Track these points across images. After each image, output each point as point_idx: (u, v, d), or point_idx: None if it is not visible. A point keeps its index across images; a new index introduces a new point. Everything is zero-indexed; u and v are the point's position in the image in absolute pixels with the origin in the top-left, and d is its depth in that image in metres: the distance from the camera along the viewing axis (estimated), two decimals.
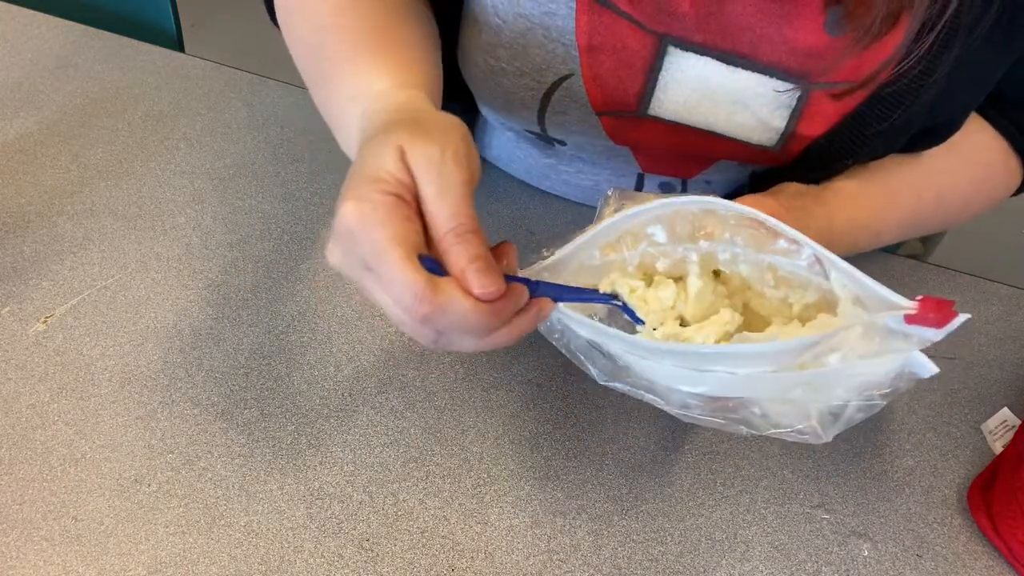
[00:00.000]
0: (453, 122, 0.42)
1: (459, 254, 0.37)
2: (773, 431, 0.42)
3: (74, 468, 0.52)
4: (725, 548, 0.51)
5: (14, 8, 0.86)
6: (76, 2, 0.96)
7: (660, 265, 0.47)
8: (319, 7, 0.54)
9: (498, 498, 0.53)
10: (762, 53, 0.52)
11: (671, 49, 0.53)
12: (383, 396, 0.57)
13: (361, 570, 0.49)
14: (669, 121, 0.57)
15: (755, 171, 0.65)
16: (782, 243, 0.45)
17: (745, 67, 0.53)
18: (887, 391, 0.40)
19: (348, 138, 0.49)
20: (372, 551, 0.50)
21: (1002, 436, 0.58)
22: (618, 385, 0.44)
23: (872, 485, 0.55)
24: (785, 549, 0.52)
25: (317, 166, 0.73)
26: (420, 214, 0.39)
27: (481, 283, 0.37)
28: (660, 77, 0.55)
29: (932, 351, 0.66)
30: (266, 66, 0.82)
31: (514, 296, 0.39)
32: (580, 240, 0.45)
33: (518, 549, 0.51)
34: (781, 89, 0.53)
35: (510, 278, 0.40)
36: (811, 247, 0.43)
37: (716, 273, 0.47)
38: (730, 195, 0.68)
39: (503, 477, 0.54)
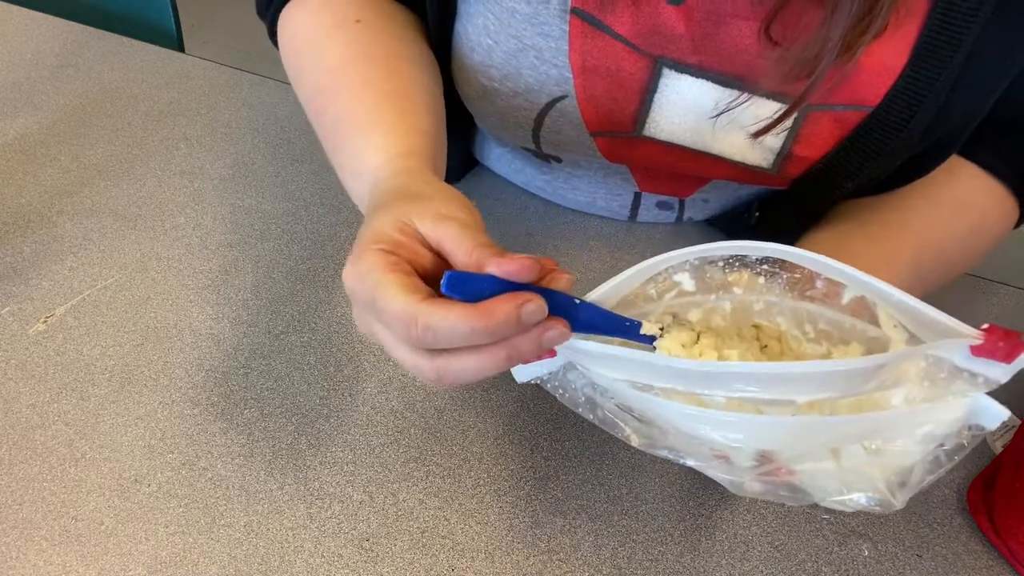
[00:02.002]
0: (454, 193, 0.43)
1: (483, 253, 0.37)
2: (838, 498, 0.38)
3: (74, 468, 0.52)
4: (725, 548, 0.51)
5: (14, 8, 0.86)
6: (76, 2, 0.96)
7: (692, 316, 0.44)
8: (316, 67, 0.55)
9: (498, 498, 0.53)
10: (757, 75, 0.52)
11: (666, 71, 0.53)
12: (383, 396, 0.57)
13: (361, 570, 0.49)
14: (664, 142, 0.57)
15: (760, 198, 0.64)
16: (819, 284, 0.42)
17: (740, 89, 0.52)
18: (952, 447, 0.37)
19: (361, 205, 0.50)
20: (372, 551, 0.50)
21: (1002, 436, 0.58)
22: (660, 452, 0.40)
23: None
24: (785, 549, 0.52)
25: (317, 166, 0.73)
26: (421, 272, 0.39)
27: (497, 261, 0.36)
28: (655, 99, 0.54)
29: None
30: (266, 66, 0.82)
31: (511, 300, 0.36)
32: (603, 290, 0.42)
33: (518, 549, 0.51)
34: (778, 111, 0.53)
35: (546, 292, 0.38)
36: (858, 280, 0.39)
37: (756, 327, 0.45)
38: (729, 214, 0.68)
39: (503, 477, 0.54)
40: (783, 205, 0.61)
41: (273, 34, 0.62)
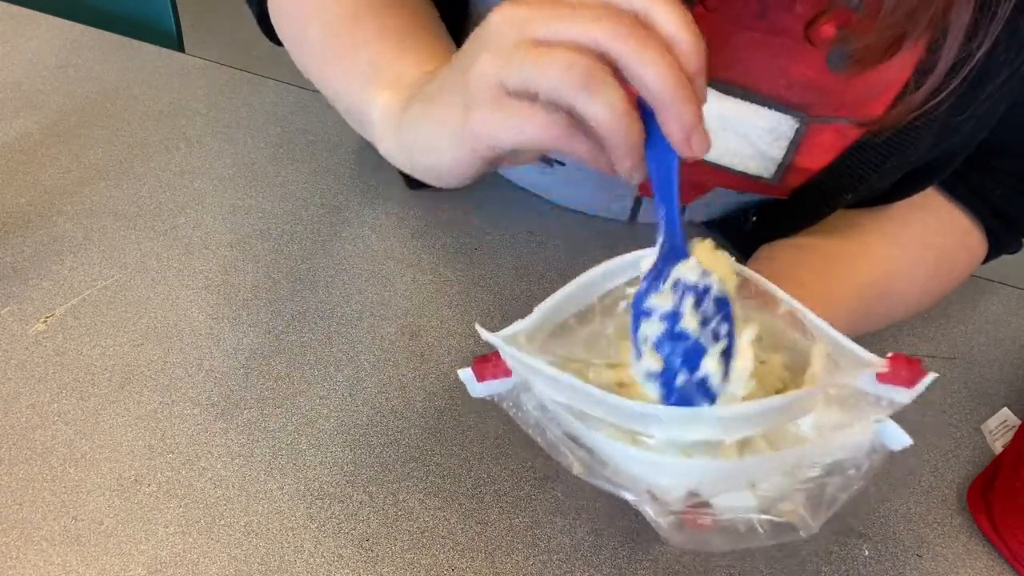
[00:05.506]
0: None
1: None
2: (757, 518, 0.39)
3: (74, 468, 0.52)
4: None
5: (14, 8, 0.86)
6: (76, 2, 0.96)
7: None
8: (327, 10, 0.52)
9: (498, 498, 0.53)
10: (762, 84, 0.51)
11: None
12: (383, 396, 0.57)
13: (361, 570, 0.49)
14: None
15: (759, 204, 0.64)
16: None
17: (744, 98, 0.52)
18: (865, 469, 0.38)
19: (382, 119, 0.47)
20: (372, 551, 0.50)
21: (1002, 436, 0.58)
22: (599, 482, 0.39)
23: (872, 485, 0.55)
24: (785, 549, 0.52)
25: (317, 166, 0.73)
26: None
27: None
28: None
29: (932, 350, 0.66)
30: (266, 66, 0.82)
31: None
32: (553, 300, 0.41)
33: (518, 549, 0.51)
34: (781, 121, 0.52)
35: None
36: (788, 302, 0.41)
37: None
38: (727, 219, 0.68)
39: (503, 477, 0.54)
40: (781, 213, 0.61)
41: (263, 19, 0.59)
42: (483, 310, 0.63)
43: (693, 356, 0.37)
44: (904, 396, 0.37)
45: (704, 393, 0.37)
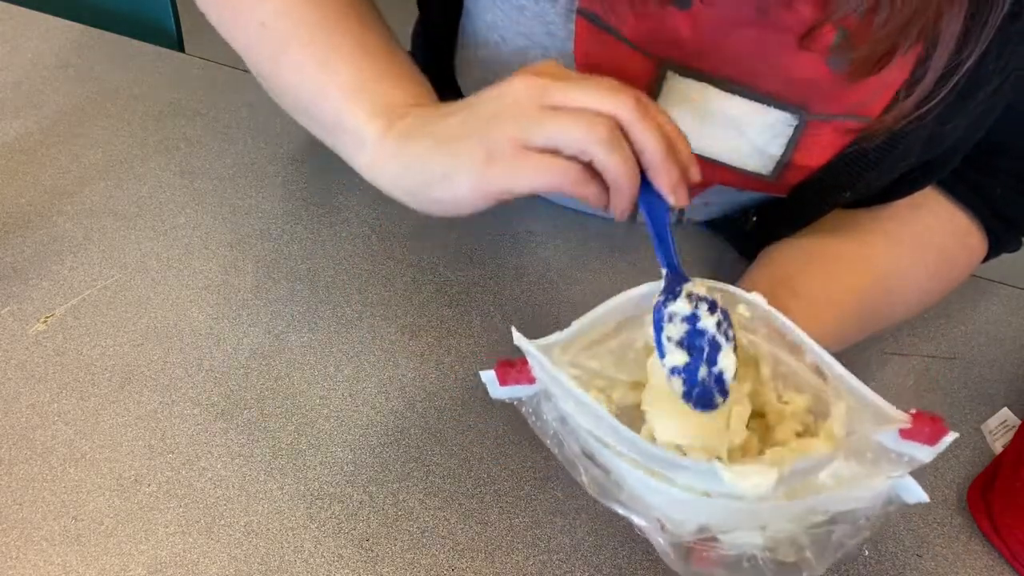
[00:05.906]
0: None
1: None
2: (763, 556, 0.40)
3: (74, 468, 0.52)
4: None
5: (14, 8, 0.86)
6: (76, 2, 0.96)
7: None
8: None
9: (498, 498, 0.53)
10: (760, 81, 0.51)
11: (669, 74, 0.53)
12: (383, 396, 0.57)
13: (361, 570, 0.49)
14: None
15: (758, 204, 0.64)
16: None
17: (743, 94, 0.52)
18: (873, 518, 0.39)
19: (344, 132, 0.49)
20: (372, 551, 0.50)
21: (1002, 436, 0.58)
22: (610, 504, 0.41)
23: None
24: None
25: (317, 166, 0.73)
26: None
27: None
28: (658, 102, 0.54)
29: (932, 351, 0.66)
30: None
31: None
32: (591, 316, 0.44)
33: (518, 549, 0.51)
34: (780, 118, 0.53)
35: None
36: (814, 352, 0.42)
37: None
38: (727, 220, 0.68)
39: (503, 477, 0.54)
40: (780, 212, 0.61)
41: None
42: (483, 310, 0.63)
43: (712, 352, 0.42)
44: (925, 454, 0.38)
45: (720, 388, 0.42)
